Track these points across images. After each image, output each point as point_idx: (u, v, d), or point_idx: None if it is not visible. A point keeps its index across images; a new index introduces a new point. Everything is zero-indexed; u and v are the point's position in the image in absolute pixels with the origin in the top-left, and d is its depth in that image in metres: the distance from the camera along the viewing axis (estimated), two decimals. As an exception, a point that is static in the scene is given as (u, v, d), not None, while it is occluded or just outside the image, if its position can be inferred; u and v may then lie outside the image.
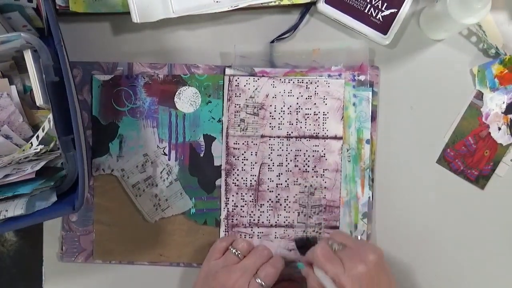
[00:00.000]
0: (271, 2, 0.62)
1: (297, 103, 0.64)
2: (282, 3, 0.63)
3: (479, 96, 0.66)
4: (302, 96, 0.64)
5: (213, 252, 0.60)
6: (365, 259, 0.53)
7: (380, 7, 0.64)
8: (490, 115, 0.66)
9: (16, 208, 0.51)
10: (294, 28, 0.65)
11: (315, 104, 0.64)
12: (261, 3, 0.62)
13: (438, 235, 0.66)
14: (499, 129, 0.66)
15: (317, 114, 0.64)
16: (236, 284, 0.55)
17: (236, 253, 0.59)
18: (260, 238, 0.64)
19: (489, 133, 0.66)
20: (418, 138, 0.66)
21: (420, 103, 0.66)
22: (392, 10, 0.64)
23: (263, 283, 0.55)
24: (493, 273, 0.66)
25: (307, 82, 0.64)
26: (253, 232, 0.64)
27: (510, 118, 0.65)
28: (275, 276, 0.57)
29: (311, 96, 0.64)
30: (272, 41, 0.65)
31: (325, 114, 0.64)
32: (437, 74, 0.66)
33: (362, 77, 0.65)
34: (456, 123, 0.66)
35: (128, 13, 0.60)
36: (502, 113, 0.66)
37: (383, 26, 0.64)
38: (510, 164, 0.66)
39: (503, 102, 0.66)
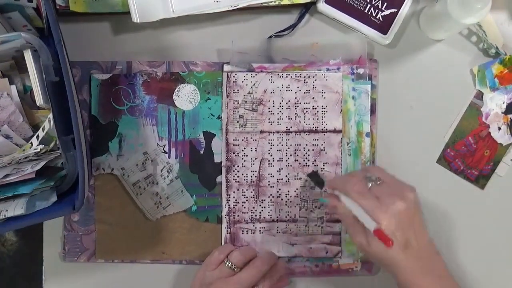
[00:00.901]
0: (271, 2, 0.62)
1: (296, 98, 0.65)
2: (282, 3, 0.63)
3: (479, 96, 0.66)
4: (300, 90, 0.65)
5: (208, 263, 0.59)
6: (403, 196, 0.51)
7: (380, 7, 0.64)
8: (490, 115, 0.66)
9: (16, 208, 0.51)
10: (293, 26, 0.65)
11: (313, 98, 0.64)
12: (261, 3, 0.62)
13: (438, 235, 0.66)
14: (499, 129, 0.66)
15: (316, 108, 0.64)
16: None
17: (232, 267, 0.58)
18: (262, 233, 0.64)
19: (489, 133, 0.66)
20: (418, 138, 0.66)
21: (420, 103, 0.66)
22: (392, 10, 0.64)
23: None
24: (493, 273, 0.66)
25: (305, 77, 0.64)
26: (255, 228, 0.64)
27: (510, 118, 0.65)
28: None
29: (309, 90, 0.64)
30: (270, 37, 0.65)
31: (324, 108, 0.64)
32: (437, 74, 0.66)
33: (360, 70, 0.65)
34: (456, 123, 0.66)
35: (128, 13, 0.60)
36: (502, 113, 0.66)
37: (383, 26, 0.64)
38: (510, 164, 0.66)
39: (503, 102, 0.66)
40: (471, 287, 0.66)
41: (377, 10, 0.64)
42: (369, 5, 0.64)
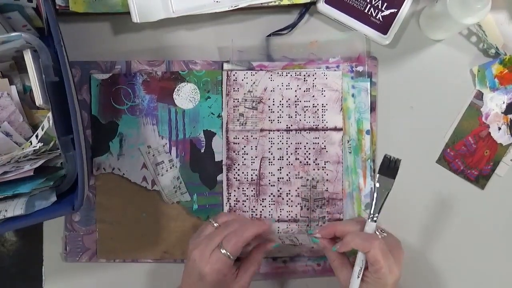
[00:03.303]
0: (271, 2, 0.62)
1: (296, 96, 0.65)
2: (282, 3, 0.63)
3: (479, 96, 0.66)
4: (300, 88, 0.65)
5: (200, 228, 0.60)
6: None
7: (380, 7, 0.64)
8: (490, 115, 0.66)
9: (15, 208, 0.51)
10: (293, 26, 0.65)
11: (313, 96, 0.65)
12: (261, 3, 0.62)
13: (438, 235, 0.66)
14: (499, 129, 0.66)
15: (316, 106, 0.65)
16: (199, 254, 0.55)
17: (214, 225, 0.58)
18: None
19: (489, 133, 0.66)
20: (418, 138, 0.66)
21: (420, 103, 0.66)
22: (392, 10, 0.64)
23: (228, 253, 0.54)
24: (493, 273, 0.66)
25: (304, 75, 0.64)
26: None
27: (510, 118, 0.65)
28: (237, 245, 0.55)
29: (309, 89, 0.65)
30: (269, 35, 0.65)
31: (324, 106, 0.65)
32: (437, 74, 0.66)
33: (360, 68, 0.65)
34: (456, 123, 0.66)
35: (128, 13, 0.60)
36: (502, 113, 0.66)
37: (383, 26, 0.64)
38: (510, 164, 0.66)
39: (503, 102, 0.66)
40: (471, 287, 0.66)
41: (377, 10, 0.64)
42: (369, 5, 0.64)
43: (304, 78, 0.65)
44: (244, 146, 0.65)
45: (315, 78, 0.65)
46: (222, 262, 0.54)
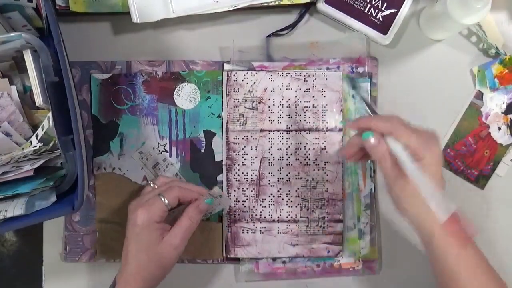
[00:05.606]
0: (271, 2, 0.62)
1: (296, 96, 0.65)
2: (282, 3, 0.63)
3: (479, 96, 0.66)
4: (300, 89, 0.65)
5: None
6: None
7: (380, 7, 0.64)
8: (490, 115, 0.66)
9: (15, 208, 0.51)
10: (293, 26, 0.65)
11: (313, 97, 0.65)
12: (261, 3, 0.62)
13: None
14: (499, 129, 0.66)
15: (316, 107, 0.65)
16: (135, 203, 0.56)
17: (152, 186, 0.59)
18: (263, 233, 0.64)
19: (489, 133, 0.66)
20: (418, 138, 0.66)
21: (420, 103, 0.66)
22: (392, 10, 0.64)
23: (164, 198, 0.55)
24: (493, 273, 0.66)
25: (304, 75, 0.64)
26: (256, 227, 0.64)
27: (510, 118, 0.65)
28: (175, 194, 0.55)
29: (309, 89, 0.65)
30: (269, 36, 0.65)
31: (324, 107, 0.65)
32: (437, 74, 0.66)
33: (360, 69, 0.65)
34: (456, 123, 0.66)
35: (128, 13, 0.60)
36: (502, 113, 0.66)
37: (383, 26, 0.64)
38: (510, 164, 0.66)
39: (503, 102, 0.66)
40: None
41: (377, 10, 0.64)
42: (369, 5, 0.64)
43: (304, 79, 0.65)
44: (244, 146, 0.65)
45: (316, 79, 0.65)
46: (156, 205, 0.54)
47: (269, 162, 0.65)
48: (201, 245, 0.64)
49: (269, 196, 0.65)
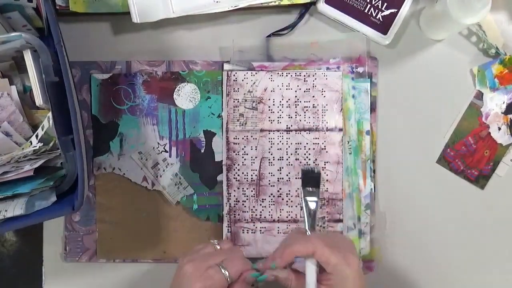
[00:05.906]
0: (271, 2, 0.62)
1: (296, 96, 0.65)
2: (282, 3, 0.63)
3: (479, 96, 0.66)
4: (300, 89, 0.65)
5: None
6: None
7: (380, 7, 0.64)
8: (490, 115, 0.66)
9: (15, 208, 0.51)
10: (293, 26, 0.65)
11: (313, 96, 0.65)
12: (261, 3, 0.62)
13: (438, 235, 0.66)
14: (499, 129, 0.66)
15: (316, 107, 0.65)
16: (194, 268, 0.50)
17: (217, 246, 0.54)
18: (263, 233, 0.64)
19: (489, 133, 0.66)
20: (418, 138, 0.66)
21: (420, 103, 0.66)
22: (392, 10, 0.64)
23: (227, 274, 0.50)
24: (493, 273, 0.66)
25: (304, 75, 0.64)
26: (256, 227, 0.64)
27: (510, 118, 0.65)
28: (240, 269, 0.51)
29: (309, 89, 0.65)
30: (269, 36, 0.65)
31: (324, 107, 0.65)
32: (437, 74, 0.66)
33: (360, 69, 0.65)
34: (456, 123, 0.66)
35: (128, 13, 0.60)
36: (502, 113, 0.66)
37: (383, 26, 0.64)
38: (510, 164, 0.66)
39: (503, 102, 0.66)
40: (471, 287, 0.66)
41: (377, 10, 0.64)
42: (369, 5, 0.64)
43: (304, 79, 0.65)
44: (244, 146, 0.65)
45: (315, 79, 0.65)
46: (216, 280, 0.49)
47: (269, 162, 0.65)
48: (201, 245, 0.65)
49: (269, 196, 0.65)
